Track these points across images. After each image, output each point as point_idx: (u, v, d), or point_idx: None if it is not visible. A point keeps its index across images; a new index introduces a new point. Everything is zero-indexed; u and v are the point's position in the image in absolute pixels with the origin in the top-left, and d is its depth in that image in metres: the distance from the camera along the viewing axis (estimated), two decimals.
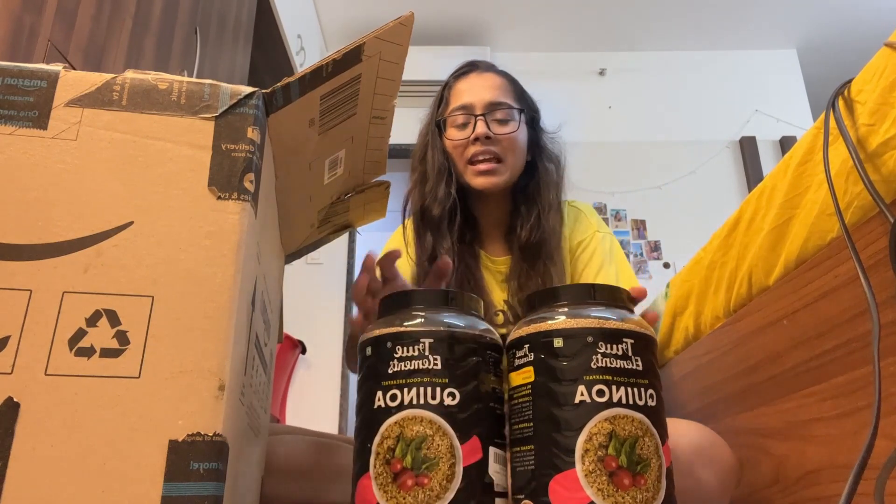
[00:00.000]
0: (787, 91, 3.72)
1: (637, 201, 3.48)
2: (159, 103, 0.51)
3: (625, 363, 0.52)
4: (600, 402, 0.51)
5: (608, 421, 0.50)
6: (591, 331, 0.53)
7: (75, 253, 0.47)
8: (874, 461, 0.46)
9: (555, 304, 0.57)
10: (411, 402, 0.52)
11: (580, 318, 0.54)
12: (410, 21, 0.56)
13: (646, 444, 0.50)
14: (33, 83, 0.50)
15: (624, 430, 0.50)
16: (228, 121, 0.52)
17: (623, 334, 0.53)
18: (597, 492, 0.48)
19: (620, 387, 0.51)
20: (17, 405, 0.43)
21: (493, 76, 1.13)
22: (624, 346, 0.52)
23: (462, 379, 0.53)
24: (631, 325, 0.54)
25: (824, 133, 0.61)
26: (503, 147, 1.07)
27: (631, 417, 0.50)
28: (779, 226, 0.70)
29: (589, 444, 0.50)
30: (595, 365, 0.52)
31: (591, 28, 3.62)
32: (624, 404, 0.51)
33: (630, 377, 0.52)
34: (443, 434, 0.51)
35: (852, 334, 0.57)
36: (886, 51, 0.55)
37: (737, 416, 0.79)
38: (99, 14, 1.46)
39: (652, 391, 0.52)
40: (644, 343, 0.53)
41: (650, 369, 0.53)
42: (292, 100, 0.55)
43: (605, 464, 0.49)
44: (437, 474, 0.50)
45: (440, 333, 0.55)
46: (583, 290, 0.58)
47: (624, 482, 0.48)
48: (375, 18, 3.42)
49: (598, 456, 0.49)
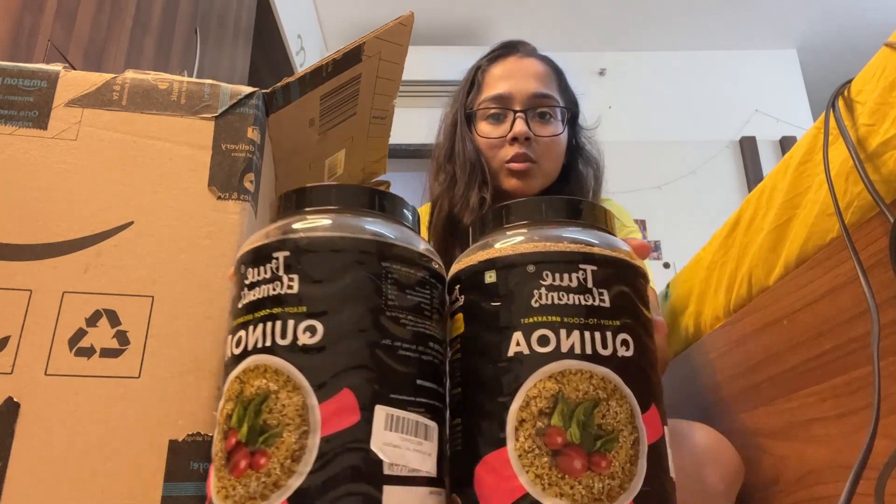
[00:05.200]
0: (787, 91, 3.71)
1: (637, 201, 3.48)
2: (159, 103, 0.52)
3: (581, 298, 0.38)
4: (542, 353, 0.37)
5: (553, 379, 0.36)
6: (533, 257, 0.39)
7: (75, 253, 0.47)
8: (874, 461, 0.46)
9: (501, 227, 0.43)
10: (255, 345, 0.37)
11: (521, 243, 0.40)
12: (410, 21, 0.57)
13: (611, 410, 0.36)
14: (33, 83, 0.51)
15: (577, 391, 0.36)
16: (228, 121, 0.52)
17: (580, 258, 0.39)
18: (534, 479, 0.35)
19: (573, 331, 0.37)
20: (17, 405, 0.43)
21: (536, 63, 0.96)
22: (581, 276, 0.38)
23: (332, 305, 0.36)
24: (594, 248, 0.40)
25: (824, 133, 0.61)
26: (541, 150, 0.91)
27: (588, 373, 0.36)
28: (779, 226, 0.70)
29: (525, 413, 0.36)
30: (537, 303, 0.38)
31: (591, 28, 3.62)
32: (578, 355, 0.37)
33: (589, 317, 0.37)
34: (292, 389, 0.35)
35: (852, 334, 0.57)
36: (886, 51, 0.55)
37: (737, 416, 0.79)
38: (99, 14, 1.46)
39: (626, 336, 0.38)
40: (615, 271, 0.39)
41: (626, 306, 0.39)
42: (292, 100, 0.55)
43: (548, 439, 0.35)
44: (279, 450, 0.34)
45: (296, 242, 0.38)
46: (532, 205, 0.43)
47: (574, 465, 0.35)
48: (375, 18, 3.42)
49: (536, 429, 0.36)
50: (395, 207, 0.43)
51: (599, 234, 0.42)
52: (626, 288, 0.40)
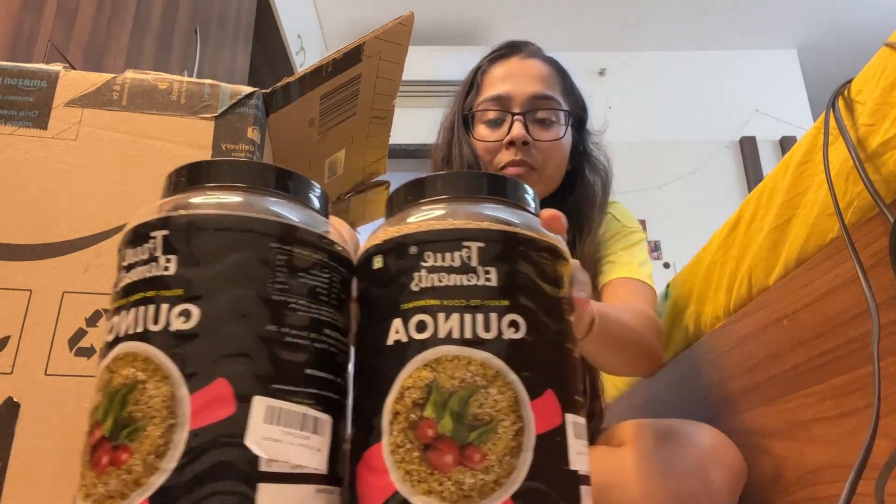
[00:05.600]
0: (787, 91, 3.71)
1: (637, 201, 3.48)
2: (159, 103, 0.52)
3: (464, 278, 0.35)
4: (419, 340, 0.34)
5: (428, 368, 0.34)
6: (414, 237, 0.37)
7: (75, 253, 0.47)
8: (874, 461, 0.46)
9: (391, 213, 0.41)
10: (127, 331, 0.34)
11: (405, 223, 0.38)
12: (410, 21, 0.57)
13: (490, 398, 0.33)
14: (33, 83, 0.51)
15: (452, 379, 0.33)
16: (228, 121, 0.52)
17: (463, 235, 0.36)
18: (404, 476, 0.32)
19: (451, 314, 0.34)
20: (17, 405, 0.43)
21: (539, 64, 0.91)
22: (464, 254, 0.36)
23: (211, 288, 0.34)
24: (481, 224, 0.37)
25: (824, 133, 0.61)
26: (541, 155, 0.86)
27: (465, 359, 0.34)
28: (779, 226, 0.70)
29: (399, 405, 0.34)
30: (417, 286, 0.35)
31: (591, 28, 3.62)
32: (456, 340, 0.34)
33: (472, 298, 0.35)
34: (160, 378, 0.32)
35: (852, 334, 0.57)
36: (886, 51, 0.55)
37: (737, 416, 0.79)
38: (99, 14, 1.46)
39: (516, 317, 0.35)
40: (505, 247, 0.36)
41: (518, 284, 0.36)
42: (292, 100, 0.55)
43: (419, 432, 0.33)
44: (143, 445, 0.31)
45: (177, 221, 0.35)
46: (414, 186, 0.40)
47: (445, 459, 0.32)
48: (375, 18, 3.42)
49: (409, 421, 0.33)
50: (296, 187, 0.39)
51: (493, 206, 0.39)
52: (520, 264, 0.36)
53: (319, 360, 0.36)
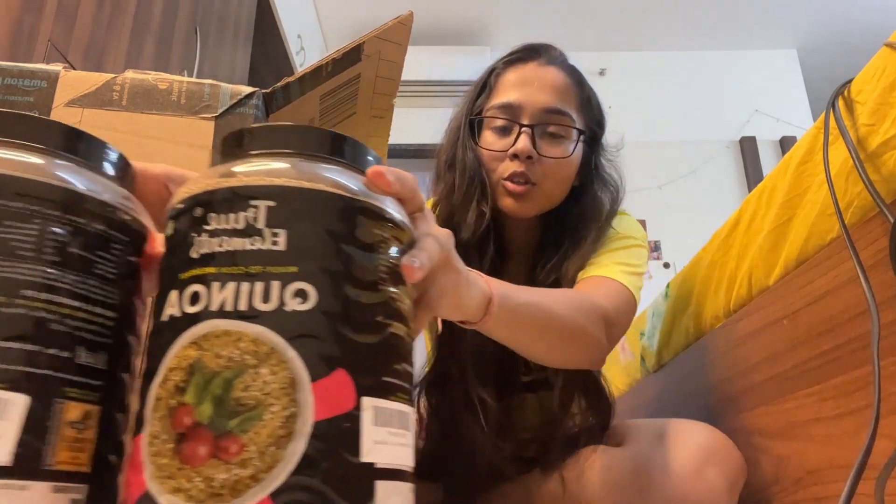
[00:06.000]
0: (787, 91, 3.71)
1: (637, 201, 3.47)
2: (159, 103, 0.52)
3: (246, 242, 0.30)
4: (190, 314, 0.30)
5: (195, 345, 0.29)
6: (197, 198, 0.32)
7: None
8: (874, 461, 0.46)
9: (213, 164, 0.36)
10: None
11: (192, 184, 0.34)
12: (410, 20, 0.57)
13: (259, 379, 0.28)
14: (33, 83, 0.51)
15: (217, 358, 0.29)
16: (228, 121, 0.52)
17: (252, 194, 0.31)
18: (155, 471, 0.28)
19: (227, 284, 0.30)
20: None
21: (556, 73, 0.85)
22: (250, 215, 0.31)
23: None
24: (277, 180, 0.32)
25: (824, 133, 0.61)
26: (545, 171, 0.81)
27: (236, 335, 0.29)
28: (779, 226, 0.70)
29: (162, 390, 0.29)
30: (196, 253, 0.31)
31: (591, 28, 3.62)
32: (228, 313, 0.29)
33: (252, 264, 0.30)
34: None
35: (852, 334, 0.57)
36: (886, 51, 0.55)
37: (737, 416, 0.79)
38: (99, 14, 1.46)
39: (305, 285, 0.30)
40: (303, 206, 0.32)
41: (314, 248, 0.31)
42: (292, 99, 0.55)
43: (175, 420, 0.28)
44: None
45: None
46: (231, 139, 0.36)
47: (198, 451, 0.28)
48: (375, 18, 3.41)
49: (169, 408, 0.29)
50: (87, 151, 0.36)
51: (299, 160, 0.34)
52: (322, 226, 0.32)
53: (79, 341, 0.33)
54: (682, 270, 1.08)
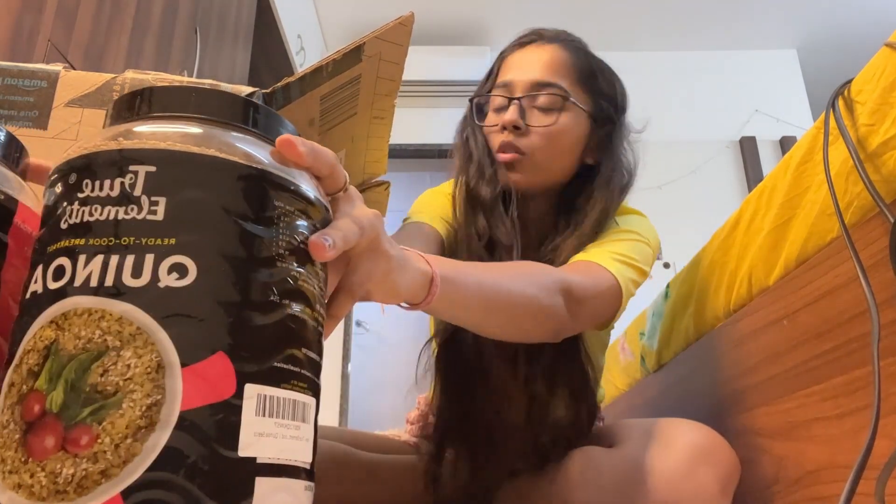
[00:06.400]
0: (787, 91, 3.72)
1: (637, 201, 3.47)
2: None
3: (120, 211, 0.28)
4: (53, 290, 0.27)
5: (54, 325, 0.27)
6: (74, 163, 0.30)
7: None
8: (874, 461, 0.46)
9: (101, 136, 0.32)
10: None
11: (78, 146, 0.31)
12: (410, 21, 0.56)
13: (120, 363, 0.26)
14: (33, 83, 0.51)
15: (77, 339, 0.26)
16: None
17: (132, 157, 0.28)
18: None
19: (95, 257, 0.27)
20: None
21: (554, 49, 0.87)
22: (128, 181, 0.28)
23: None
24: (152, 143, 0.29)
25: (824, 133, 0.61)
26: (534, 141, 0.83)
27: (99, 312, 0.26)
28: (779, 226, 0.70)
29: (16, 374, 0.27)
30: (66, 223, 0.28)
31: (590, 28, 3.62)
32: (92, 289, 0.27)
33: (124, 235, 0.27)
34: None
35: (852, 334, 0.57)
36: (886, 51, 0.55)
37: (737, 416, 0.79)
38: (99, 14, 1.46)
39: (184, 259, 0.27)
40: (187, 172, 0.29)
41: (197, 219, 0.28)
42: (292, 100, 0.55)
43: (25, 408, 0.26)
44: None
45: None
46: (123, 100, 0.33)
47: (45, 443, 0.25)
48: (375, 18, 3.42)
49: (20, 395, 0.26)
50: None
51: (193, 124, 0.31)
52: (210, 195, 0.28)
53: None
54: (682, 270, 1.08)
